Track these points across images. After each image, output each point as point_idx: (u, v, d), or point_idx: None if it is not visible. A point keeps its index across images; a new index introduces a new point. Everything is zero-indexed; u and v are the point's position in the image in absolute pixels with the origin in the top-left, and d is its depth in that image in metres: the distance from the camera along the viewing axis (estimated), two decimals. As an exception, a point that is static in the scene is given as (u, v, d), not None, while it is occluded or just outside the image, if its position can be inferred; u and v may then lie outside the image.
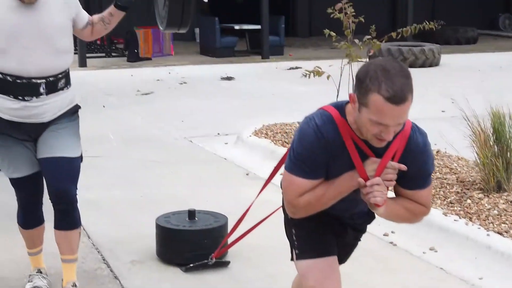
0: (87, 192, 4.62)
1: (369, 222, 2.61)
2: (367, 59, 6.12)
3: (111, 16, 3.30)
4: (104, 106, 8.59)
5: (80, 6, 3.29)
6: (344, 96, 5.75)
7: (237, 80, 11.18)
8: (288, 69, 12.37)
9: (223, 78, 11.31)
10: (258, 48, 14.78)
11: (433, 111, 7.78)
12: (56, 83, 3.13)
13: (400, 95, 2.09)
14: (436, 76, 11.40)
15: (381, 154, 2.28)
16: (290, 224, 2.50)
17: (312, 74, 5.82)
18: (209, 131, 7.23)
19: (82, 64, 12.62)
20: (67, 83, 3.22)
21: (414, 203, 2.38)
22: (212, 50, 14.39)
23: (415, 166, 2.31)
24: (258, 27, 14.59)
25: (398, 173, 2.29)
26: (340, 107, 2.31)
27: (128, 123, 7.80)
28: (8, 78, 3.05)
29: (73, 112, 3.26)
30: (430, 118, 7.16)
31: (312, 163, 2.28)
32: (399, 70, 2.13)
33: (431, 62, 12.70)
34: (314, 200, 2.31)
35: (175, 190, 5.23)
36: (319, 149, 2.27)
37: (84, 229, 4.24)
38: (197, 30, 16.23)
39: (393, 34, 5.97)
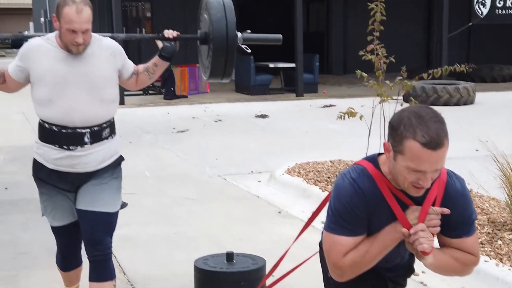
0: (123, 229, 4.73)
1: (409, 275, 2.51)
2: (399, 98, 6.22)
3: (156, 66, 3.36)
4: (130, 142, 8.74)
5: (126, 57, 3.33)
6: (375, 135, 5.86)
7: (271, 117, 11.32)
8: (322, 107, 12.47)
9: (257, 116, 11.46)
10: (292, 86, 14.95)
11: (466, 150, 7.77)
12: (101, 132, 3.16)
13: (437, 140, 2.07)
14: (470, 115, 11.37)
15: (420, 201, 2.23)
16: (330, 283, 2.40)
17: (346, 115, 5.91)
18: (242, 169, 7.33)
19: (120, 102, 12.84)
20: (112, 132, 3.24)
21: (462, 252, 2.31)
22: (247, 88, 14.58)
23: (457, 212, 2.26)
24: (293, 65, 14.76)
25: (441, 219, 2.23)
26: (372, 159, 2.29)
27: (163, 160, 7.96)
28: (54, 128, 3.09)
29: (117, 165, 3.28)
30: (463, 157, 7.19)
31: (353, 219, 2.22)
32: (433, 116, 2.11)
33: (466, 100, 12.68)
34: (359, 258, 2.23)
35: (209, 228, 5.32)
36: (358, 202, 2.22)
37: (119, 265, 4.37)
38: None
39: (424, 76, 6.04)
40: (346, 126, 8.16)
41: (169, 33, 3.39)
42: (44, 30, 21.66)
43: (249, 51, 3.77)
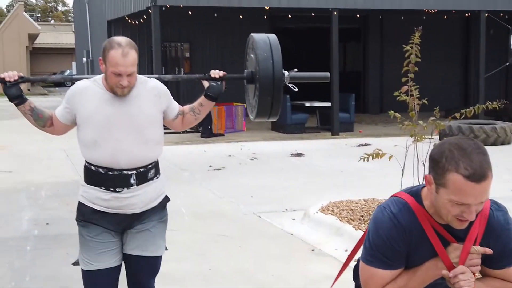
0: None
1: None
2: (433, 138, 6.27)
3: (202, 106, 3.34)
4: (167, 179, 8.90)
5: (171, 97, 3.30)
6: (409, 174, 5.90)
7: (307, 156, 11.41)
8: (357, 146, 12.52)
9: (293, 154, 11.56)
10: (328, 124, 15.06)
11: (503, 191, 7.74)
12: (146, 173, 3.16)
13: (480, 172, 2.03)
14: (507, 155, 11.29)
15: (462, 237, 2.20)
16: None
17: (371, 157, 5.97)
18: (277, 207, 7.42)
19: (158, 139, 13.12)
20: (157, 173, 3.24)
21: (504, 282, 2.27)
22: (283, 127, 14.73)
23: (500, 245, 2.22)
24: (329, 104, 14.89)
25: (482, 256, 2.20)
26: (415, 193, 2.24)
27: (199, 197, 8.09)
28: (100, 170, 3.10)
29: (163, 207, 3.30)
30: (500, 197, 7.12)
31: (392, 253, 2.19)
32: (475, 148, 2.07)
33: (503, 140, 12.60)
34: None
35: (243, 264, 5.40)
36: (397, 237, 2.18)
37: (155, 300, 4.46)
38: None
39: (457, 115, 6.09)
40: (380, 165, 8.19)
41: (216, 73, 3.37)
42: (86, 70, 22.22)
43: (296, 89, 3.71)
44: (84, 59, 22.53)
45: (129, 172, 3.10)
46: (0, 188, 8.70)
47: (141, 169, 3.14)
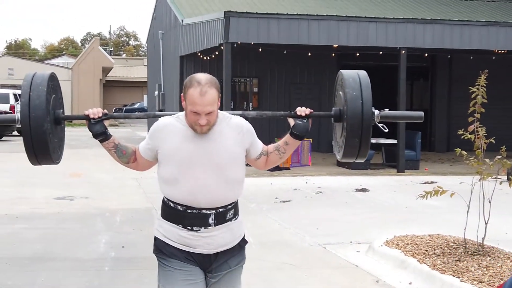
0: None
1: None
2: (499, 177, 6.36)
3: (287, 145, 3.23)
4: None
5: (255, 136, 3.21)
6: (474, 212, 5.99)
7: (372, 191, 11.53)
8: (422, 183, 12.55)
9: (357, 190, 11.70)
10: (393, 161, 15.12)
11: None
12: (225, 214, 3.09)
13: None
14: None
15: None
16: None
17: (429, 195, 6.10)
18: (342, 239, 7.59)
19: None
20: (236, 214, 3.17)
21: None
22: (348, 162, 14.84)
23: None
24: (394, 141, 14.97)
25: None
26: None
27: (266, 227, 8.33)
28: (179, 207, 3.06)
29: (241, 250, 3.21)
30: None
31: None
32: None
33: None
34: None
35: (308, 292, 5.59)
36: None
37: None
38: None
39: (524, 154, 6.17)
40: (446, 203, 8.28)
41: (302, 110, 3.24)
42: (157, 103, 22.96)
43: (387, 130, 3.55)
44: (156, 93, 23.29)
45: (208, 212, 3.05)
46: (78, 213, 9.18)
47: (220, 209, 3.07)
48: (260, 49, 16.90)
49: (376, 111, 3.36)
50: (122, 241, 7.32)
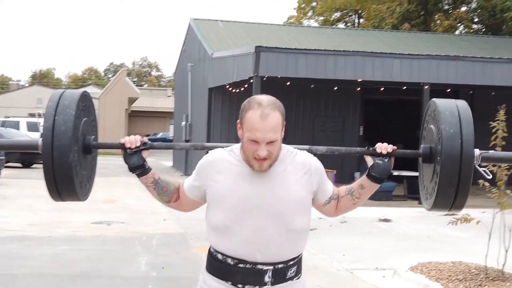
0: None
1: None
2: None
3: (362, 188, 2.72)
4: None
5: (325, 176, 2.69)
6: (495, 243, 6.38)
7: (394, 222, 11.91)
8: (444, 215, 12.88)
9: (380, 220, 12.10)
10: (415, 193, 15.44)
11: None
12: (286, 271, 2.57)
13: None
14: None
15: None
16: None
17: (459, 221, 6.50)
18: (367, 265, 7.98)
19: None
20: (298, 272, 2.64)
21: None
22: (372, 194, 15.21)
23: None
24: (416, 174, 15.27)
25: None
26: None
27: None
28: (229, 260, 2.54)
29: None
30: None
31: None
32: None
33: None
34: None
35: (338, 312, 6.00)
36: None
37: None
38: (356, 174, 17.31)
39: (541, 187, 6.57)
40: (468, 233, 8.68)
41: (383, 147, 2.71)
42: (184, 134, 23.54)
43: (490, 176, 2.99)
44: (183, 123, 23.91)
45: (265, 268, 2.52)
46: (117, 236, 9.69)
47: (280, 265, 2.55)
48: (288, 83, 17.46)
49: (477, 151, 2.74)
50: (161, 263, 7.77)
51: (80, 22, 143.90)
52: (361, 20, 43.41)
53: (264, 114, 2.41)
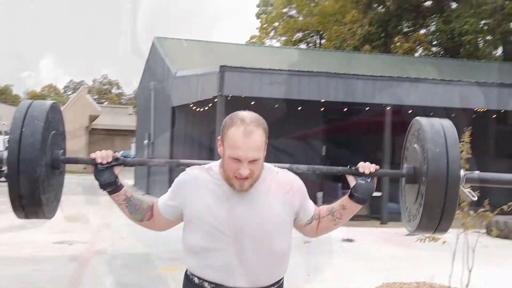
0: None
1: None
2: (481, 230, 6.87)
3: (344, 209, 2.60)
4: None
5: (307, 196, 2.58)
6: (459, 264, 6.47)
7: (358, 242, 11.99)
8: (406, 235, 13.03)
9: (344, 240, 12.16)
10: (378, 213, 15.63)
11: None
12: None
13: None
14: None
15: None
16: None
17: (427, 239, 6.57)
18: (333, 285, 8.00)
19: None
20: None
21: None
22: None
23: None
24: (379, 194, 15.52)
25: None
26: None
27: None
28: (206, 285, 2.40)
29: None
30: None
31: None
32: None
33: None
34: None
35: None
36: None
37: None
38: (319, 194, 17.39)
39: (504, 207, 6.70)
40: (431, 253, 8.78)
41: (365, 166, 2.59)
42: (146, 152, 23.38)
43: (475, 198, 2.95)
44: (146, 141, 23.75)
45: None
46: (81, 256, 9.52)
47: None
48: (253, 102, 17.50)
49: (462, 172, 2.64)
50: (126, 283, 7.67)
51: (37, 38, 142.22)
52: (323, 41, 43.90)
53: (247, 132, 2.34)
